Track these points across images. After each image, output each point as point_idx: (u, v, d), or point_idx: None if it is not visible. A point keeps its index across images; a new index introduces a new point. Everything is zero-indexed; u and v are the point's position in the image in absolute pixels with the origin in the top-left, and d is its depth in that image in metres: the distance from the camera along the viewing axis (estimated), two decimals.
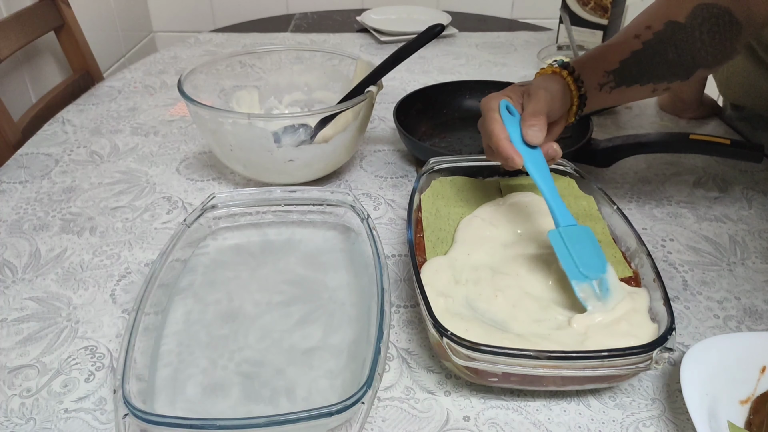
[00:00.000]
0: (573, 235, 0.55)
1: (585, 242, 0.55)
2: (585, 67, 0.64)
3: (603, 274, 0.53)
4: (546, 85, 0.62)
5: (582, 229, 0.56)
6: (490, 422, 0.49)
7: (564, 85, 0.63)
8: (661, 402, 0.50)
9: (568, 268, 0.53)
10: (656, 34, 0.63)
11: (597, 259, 0.54)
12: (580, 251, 0.54)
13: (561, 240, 0.55)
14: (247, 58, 0.87)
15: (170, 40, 1.79)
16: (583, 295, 0.52)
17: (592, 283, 0.52)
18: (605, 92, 0.65)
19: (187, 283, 0.59)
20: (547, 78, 0.63)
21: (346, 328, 0.55)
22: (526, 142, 0.59)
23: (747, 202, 0.77)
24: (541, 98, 0.60)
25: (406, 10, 1.50)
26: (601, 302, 0.52)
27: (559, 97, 0.62)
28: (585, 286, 0.52)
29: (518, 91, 0.63)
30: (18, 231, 0.71)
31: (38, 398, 0.50)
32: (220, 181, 0.81)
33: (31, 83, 1.19)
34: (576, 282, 0.52)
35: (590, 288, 0.52)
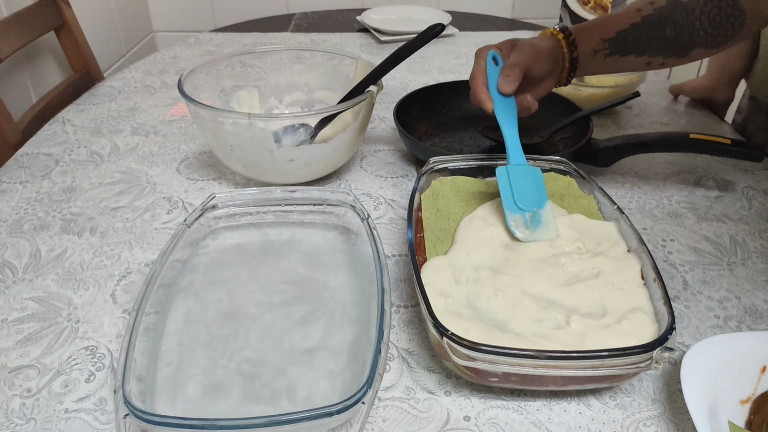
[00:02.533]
0: (519, 173, 0.62)
1: (529, 180, 0.61)
2: (582, 33, 0.66)
3: (538, 209, 0.59)
4: (535, 41, 0.65)
5: (530, 169, 0.62)
6: (491, 422, 0.49)
7: (555, 44, 0.65)
8: (662, 402, 0.50)
9: (505, 199, 0.60)
10: (657, 10, 0.64)
11: (535, 195, 0.60)
12: (522, 187, 0.60)
13: (506, 176, 0.62)
14: (247, 58, 0.87)
15: (170, 40, 1.79)
16: (513, 224, 0.59)
17: (524, 215, 0.59)
18: (599, 59, 0.67)
19: (187, 283, 0.59)
20: (541, 37, 0.66)
21: (346, 328, 0.55)
22: (498, 89, 0.64)
23: (747, 201, 0.77)
24: (525, 52, 0.64)
25: (406, 9, 1.50)
26: (529, 231, 0.58)
27: (545, 54, 0.64)
28: (517, 216, 0.59)
29: (508, 44, 0.67)
30: (18, 231, 0.71)
31: (39, 398, 0.50)
32: (221, 181, 0.81)
33: (32, 83, 1.19)
34: (509, 212, 0.59)
35: (522, 219, 0.59)
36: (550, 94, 0.92)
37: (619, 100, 0.86)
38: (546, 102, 0.92)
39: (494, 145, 0.86)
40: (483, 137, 0.87)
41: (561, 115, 0.88)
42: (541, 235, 0.59)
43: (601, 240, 0.60)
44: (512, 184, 0.61)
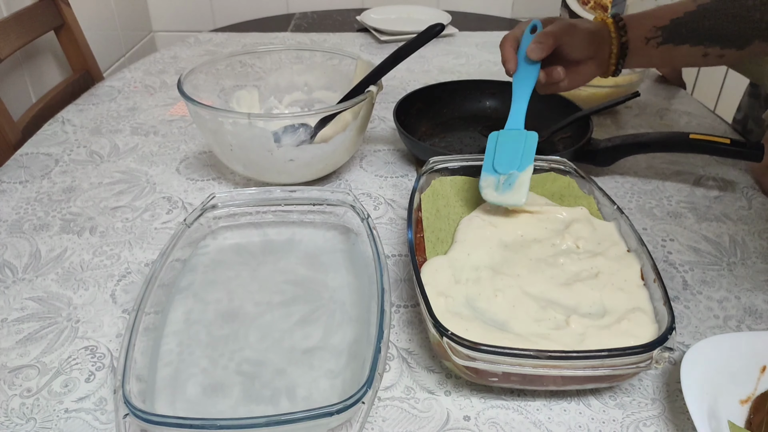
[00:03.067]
0: (510, 136, 0.60)
1: (517, 144, 0.59)
2: (634, 20, 0.65)
3: (515, 171, 0.57)
4: (579, 21, 0.63)
5: (523, 133, 0.60)
6: (491, 422, 0.49)
7: (601, 27, 0.64)
8: (661, 402, 0.50)
9: (485, 161, 0.59)
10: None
11: (516, 158, 0.58)
12: (506, 150, 0.59)
13: (495, 139, 0.61)
14: (247, 58, 0.87)
15: (170, 40, 1.79)
16: (484, 184, 0.57)
17: (498, 177, 0.57)
18: (651, 46, 0.65)
19: (187, 282, 0.59)
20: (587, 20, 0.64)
21: (346, 328, 0.55)
22: (526, 53, 0.63)
23: (747, 201, 0.77)
24: (562, 24, 0.62)
25: (406, 9, 1.50)
26: (497, 194, 0.56)
27: (584, 33, 0.63)
28: (491, 178, 0.57)
29: (552, 19, 0.67)
30: (18, 231, 0.71)
31: (38, 398, 0.50)
32: (220, 181, 0.81)
33: (31, 83, 1.19)
34: (484, 173, 0.58)
35: (494, 180, 0.57)
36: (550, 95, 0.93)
37: (619, 100, 0.86)
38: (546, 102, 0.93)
39: None
40: (483, 137, 0.87)
41: (561, 115, 0.88)
42: (506, 198, 0.57)
43: (600, 240, 0.60)
44: (498, 147, 0.61)
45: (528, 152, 0.59)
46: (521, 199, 0.57)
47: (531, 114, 0.93)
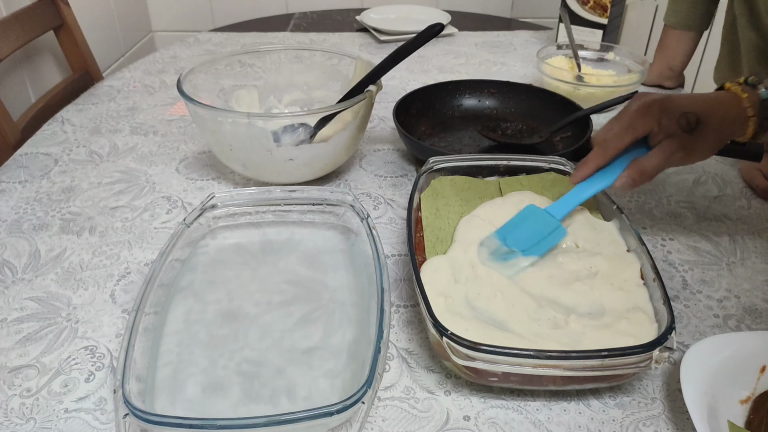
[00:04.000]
0: (542, 220, 0.58)
1: (541, 231, 0.57)
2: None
3: (518, 252, 0.56)
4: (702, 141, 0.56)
5: (555, 226, 0.58)
6: (490, 422, 0.49)
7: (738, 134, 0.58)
8: (661, 401, 0.50)
9: (506, 225, 0.58)
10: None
11: (529, 243, 0.57)
12: (527, 229, 0.58)
13: (530, 213, 0.59)
14: (246, 58, 0.87)
15: (169, 40, 1.79)
16: (487, 242, 0.57)
17: (502, 246, 0.56)
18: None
19: (186, 282, 0.59)
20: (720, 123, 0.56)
21: (346, 327, 0.55)
22: (615, 185, 0.58)
23: (747, 201, 0.77)
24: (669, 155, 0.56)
25: (405, 9, 1.50)
26: (490, 257, 0.56)
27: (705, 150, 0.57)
28: (496, 241, 0.57)
29: (673, 121, 0.56)
30: (17, 231, 0.70)
31: (38, 398, 0.50)
32: (220, 181, 0.81)
33: (31, 83, 1.19)
34: (494, 235, 0.57)
35: (497, 245, 0.57)
36: (550, 94, 0.93)
37: (619, 100, 0.86)
38: (546, 102, 0.93)
39: (493, 145, 0.87)
40: (482, 137, 0.87)
41: (561, 115, 0.88)
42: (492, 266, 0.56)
43: (600, 239, 0.60)
44: (524, 222, 0.59)
45: (543, 245, 0.57)
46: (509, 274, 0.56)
47: (530, 113, 0.94)
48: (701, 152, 0.57)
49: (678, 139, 0.56)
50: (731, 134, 0.58)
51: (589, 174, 0.60)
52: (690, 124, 0.56)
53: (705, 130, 0.56)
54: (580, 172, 0.60)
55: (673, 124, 0.56)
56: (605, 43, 1.11)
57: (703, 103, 0.57)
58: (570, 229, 0.61)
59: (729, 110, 0.57)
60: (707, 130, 0.56)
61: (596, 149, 0.60)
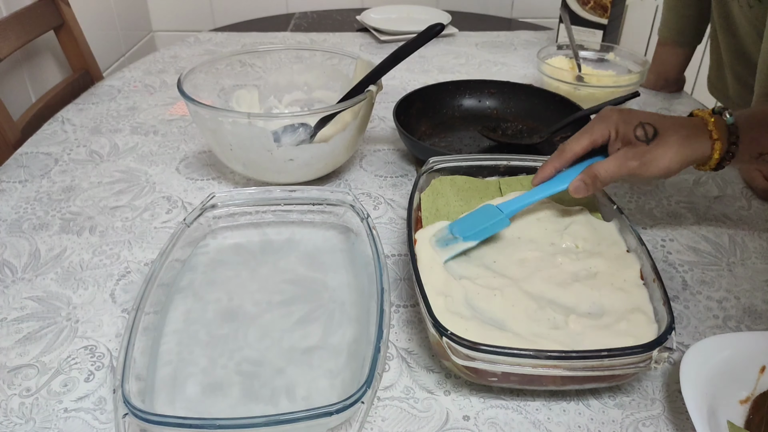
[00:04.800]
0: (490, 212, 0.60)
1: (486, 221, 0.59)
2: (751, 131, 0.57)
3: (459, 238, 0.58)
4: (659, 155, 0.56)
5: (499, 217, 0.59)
6: (490, 422, 0.49)
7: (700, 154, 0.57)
8: (661, 402, 0.50)
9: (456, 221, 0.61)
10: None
11: (472, 232, 0.59)
12: (473, 220, 0.60)
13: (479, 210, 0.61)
14: (246, 58, 0.87)
15: (170, 40, 1.79)
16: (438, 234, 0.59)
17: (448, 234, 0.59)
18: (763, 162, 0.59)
19: (186, 282, 0.59)
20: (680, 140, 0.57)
21: (345, 327, 0.55)
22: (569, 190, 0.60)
23: (747, 202, 0.77)
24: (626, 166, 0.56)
25: (406, 9, 1.50)
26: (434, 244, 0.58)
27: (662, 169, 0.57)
28: (445, 231, 0.59)
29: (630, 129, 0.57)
30: (18, 230, 0.70)
31: (38, 398, 0.50)
32: (220, 181, 0.81)
33: (31, 82, 1.19)
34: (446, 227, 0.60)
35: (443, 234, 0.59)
36: (550, 94, 0.93)
37: (619, 100, 0.86)
38: (546, 102, 0.93)
39: (493, 145, 0.86)
40: (482, 137, 0.87)
41: (560, 115, 0.88)
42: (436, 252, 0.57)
43: (600, 240, 0.60)
44: (474, 213, 0.61)
45: (483, 232, 0.59)
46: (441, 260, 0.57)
47: (531, 113, 0.94)
48: (657, 167, 0.57)
49: (633, 148, 0.57)
50: (692, 154, 0.58)
51: (548, 176, 0.61)
52: (646, 134, 0.57)
53: (662, 144, 0.57)
54: (539, 175, 0.62)
55: (630, 133, 0.57)
56: (605, 43, 1.11)
57: (664, 119, 0.58)
58: (570, 229, 0.61)
59: (691, 130, 0.58)
60: (665, 144, 0.57)
61: (555, 153, 0.62)
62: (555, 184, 0.61)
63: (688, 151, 0.57)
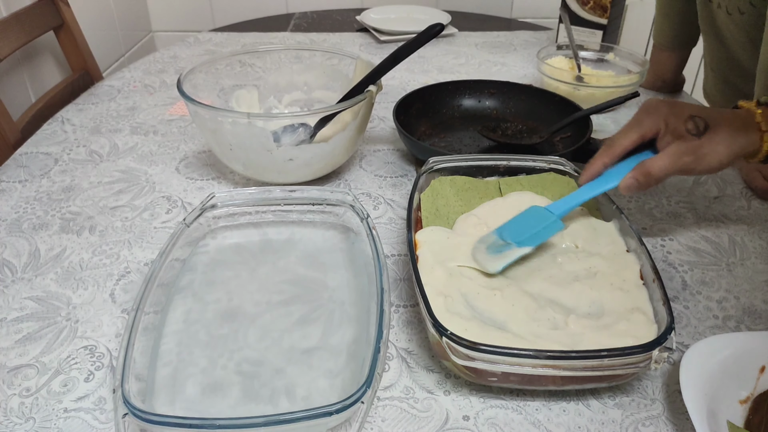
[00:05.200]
0: (539, 215, 0.58)
1: (538, 223, 0.58)
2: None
3: (513, 244, 0.56)
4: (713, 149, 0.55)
5: (552, 220, 0.58)
6: (490, 422, 0.49)
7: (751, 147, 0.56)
8: (661, 402, 0.50)
9: (507, 223, 0.59)
10: None
11: (525, 236, 0.57)
12: (524, 222, 0.58)
13: (526, 212, 0.59)
14: (246, 58, 0.87)
15: (169, 40, 1.79)
16: (485, 239, 0.57)
17: (498, 240, 0.57)
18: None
19: (186, 282, 0.59)
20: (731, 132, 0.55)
21: (345, 327, 0.55)
22: (619, 188, 0.58)
23: (746, 201, 0.77)
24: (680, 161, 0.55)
25: (405, 9, 1.50)
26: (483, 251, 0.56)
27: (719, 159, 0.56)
28: (493, 237, 0.57)
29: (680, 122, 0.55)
30: (17, 230, 0.70)
31: (38, 398, 0.50)
32: (220, 181, 0.81)
33: (31, 83, 1.19)
34: (493, 232, 0.58)
35: (493, 240, 0.57)
36: (550, 94, 0.93)
37: (619, 100, 0.86)
38: (546, 102, 0.93)
39: (493, 145, 0.87)
40: (482, 137, 0.87)
41: (560, 115, 0.88)
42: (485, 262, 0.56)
43: (600, 240, 0.60)
44: (523, 217, 0.59)
45: (538, 236, 0.57)
46: (495, 269, 0.56)
47: (531, 113, 0.94)
48: (711, 161, 0.55)
49: (686, 142, 0.55)
50: (743, 148, 0.56)
51: (597, 173, 0.60)
52: (698, 127, 0.55)
53: (714, 137, 0.55)
54: (587, 172, 0.60)
55: (681, 126, 0.56)
56: (605, 43, 1.11)
57: (713, 111, 0.57)
58: (570, 229, 0.61)
59: (741, 123, 0.56)
60: (717, 137, 0.55)
61: (603, 148, 0.59)
62: (604, 181, 0.59)
63: (740, 143, 0.56)
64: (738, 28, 0.84)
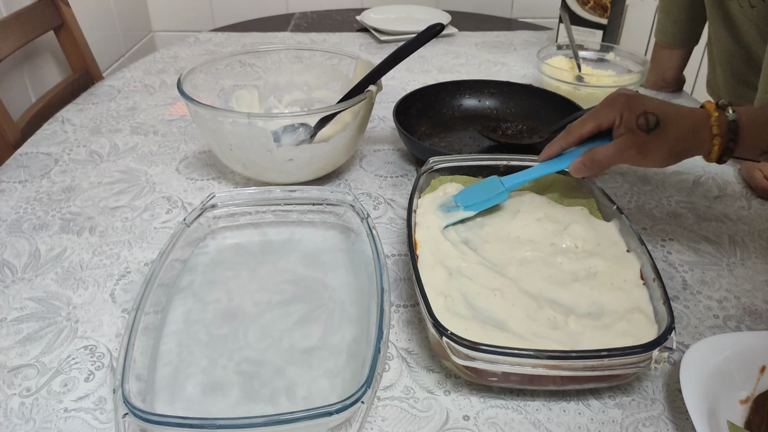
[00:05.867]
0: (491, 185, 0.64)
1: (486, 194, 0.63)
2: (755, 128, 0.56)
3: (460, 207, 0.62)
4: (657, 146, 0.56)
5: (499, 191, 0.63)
6: (490, 422, 0.49)
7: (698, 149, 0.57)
8: (661, 402, 0.50)
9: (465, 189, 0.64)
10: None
11: (470, 201, 0.63)
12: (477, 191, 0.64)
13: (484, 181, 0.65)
14: (246, 58, 0.87)
15: (170, 40, 1.79)
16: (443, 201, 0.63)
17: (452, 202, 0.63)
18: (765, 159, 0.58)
19: (186, 282, 0.59)
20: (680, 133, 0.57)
21: (345, 327, 0.55)
22: (569, 170, 0.62)
23: (746, 201, 0.77)
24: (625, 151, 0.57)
25: (405, 9, 1.50)
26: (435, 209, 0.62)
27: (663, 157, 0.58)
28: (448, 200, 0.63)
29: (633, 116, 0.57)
30: (17, 230, 0.70)
31: (38, 398, 0.50)
32: (220, 181, 0.81)
33: (31, 83, 1.19)
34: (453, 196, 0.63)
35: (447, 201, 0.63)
36: (550, 94, 0.93)
37: None
38: (546, 102, 0.93)
39: (493, 145, 0.86)
40: (482, 137, 0.87)
41: (560, 115, 0.88)
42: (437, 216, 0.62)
43: (600, 240, 0.60)
44: (480, 185, 0.64)
45: (482, 204, 0.63)
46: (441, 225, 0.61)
47: (531, 113, 0.94)
48: (655, 157, 0.58)
49: (634, 136, 0.57)
50: (691, 148, 0.58)
51: (553, 154, 0.64)
52: (648, 124, 0.57)
53: (662, 135, 0.57)
54: (545, 152, 0.64)
55: (633, 120, 0.57)
56: (605, 43, 1.11)
57: (669, 109, 0.58)
58: (570, 229, 0.61)
59: (694, 124, 0.57)
60: (665, 135, 0.57)
61: (563, 132, 0.63)
62: (557, 162, 0.63)
63: (686, 144, 0.58)
64: (749, 22, 0.84)
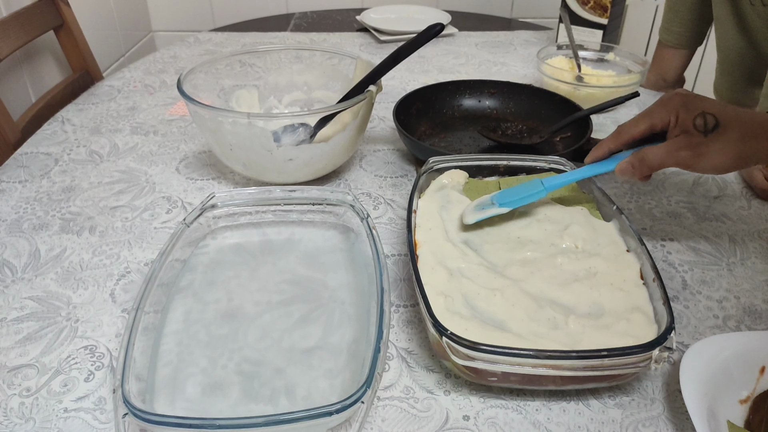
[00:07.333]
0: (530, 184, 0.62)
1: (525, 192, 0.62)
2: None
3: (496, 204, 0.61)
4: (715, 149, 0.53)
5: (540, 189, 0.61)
6: (490, 422, 0.49)
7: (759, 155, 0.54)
8: (661, 402, 0.50)
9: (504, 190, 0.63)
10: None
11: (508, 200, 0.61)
12: (515, 191, 0.62)
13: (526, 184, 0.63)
14: (246, 58, 0.87)
15: (170, 40, 1.79)
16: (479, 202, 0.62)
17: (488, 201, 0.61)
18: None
19: (186, 282, 0.59)
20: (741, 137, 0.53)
21: (345, 327, 0.55)
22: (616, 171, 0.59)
23: (746, 201, 0.77)
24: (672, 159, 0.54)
25: (405, 9, 1.50)
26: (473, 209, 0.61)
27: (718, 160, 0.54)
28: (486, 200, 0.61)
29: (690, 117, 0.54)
30: (17, 230, 0.70)
31: (38, 398, 0.50)
32: (220, 181, 0.81)
33: (31, 83, 1.19)
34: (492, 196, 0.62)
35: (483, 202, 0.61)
36: (550, 94, 0.93)
37: (619, 100, 0.86)
38: (546, 102, 0.93)
39: (493, 145, 0.86)
40: (482, 137, 0.87)
41: (560, 115, 0.88)
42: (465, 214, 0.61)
43: (600, 240, 0.60)
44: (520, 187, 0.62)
45: (518, 201, 0.61)
46: (468, 221, 0.61)
47: (531, 113, 0.94)
48: (712, 161, 0.54)
49: (689, 137, 0.54)
50: (753, 154, 0.53)
51: (601, 156, 0.61)
52: (706, 125, 0.53)
53: (721, 137, 0.53)
54: (592, 154, 0.61)
55: (690, 121, 0.54)
56: (605, 43, 1.11)
57: (729, 111, 0.54)
58: (570, 229, 0.61)
59: (755, 128, 0.53)
60: (724, 137, 0.53)
61: (612, 133, 0.60)
62: (603, 164, 0.61)
63: (748, 149, 0.53)
64: (761, 20, 0.84)
